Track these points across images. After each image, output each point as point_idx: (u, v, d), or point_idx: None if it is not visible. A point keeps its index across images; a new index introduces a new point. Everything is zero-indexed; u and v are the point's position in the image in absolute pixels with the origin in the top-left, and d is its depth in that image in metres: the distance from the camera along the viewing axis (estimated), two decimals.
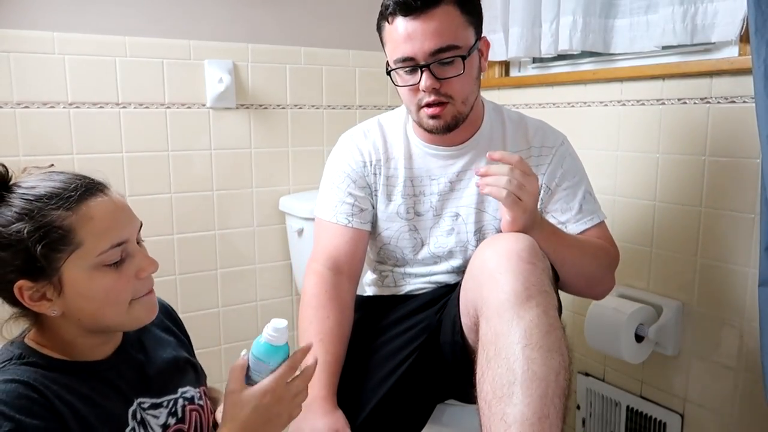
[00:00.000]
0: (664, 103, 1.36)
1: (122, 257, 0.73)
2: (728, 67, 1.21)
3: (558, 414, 0.77)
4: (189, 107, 1.62)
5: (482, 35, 1.06)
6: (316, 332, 1.05)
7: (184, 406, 0.83)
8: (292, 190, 1.80)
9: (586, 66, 1.59)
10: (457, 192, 1.12)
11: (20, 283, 0.69)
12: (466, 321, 0.98)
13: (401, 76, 1.04)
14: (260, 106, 1.72)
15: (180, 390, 0.85)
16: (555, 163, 1.12)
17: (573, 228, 1.10)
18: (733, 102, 1.23)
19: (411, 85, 1.02)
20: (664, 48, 1.37)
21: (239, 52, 1.66)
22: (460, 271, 1.13)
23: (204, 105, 1.64)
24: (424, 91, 1.01)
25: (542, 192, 1.11)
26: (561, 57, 1.61)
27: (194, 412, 0.84)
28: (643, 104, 1.40)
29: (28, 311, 0.73)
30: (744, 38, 1.19)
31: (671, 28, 1.27)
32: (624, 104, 1.44)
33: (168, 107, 1.59)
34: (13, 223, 0.68)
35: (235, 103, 1.67)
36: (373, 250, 1.22)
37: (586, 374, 1.60)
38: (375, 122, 1.20)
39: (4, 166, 0.72)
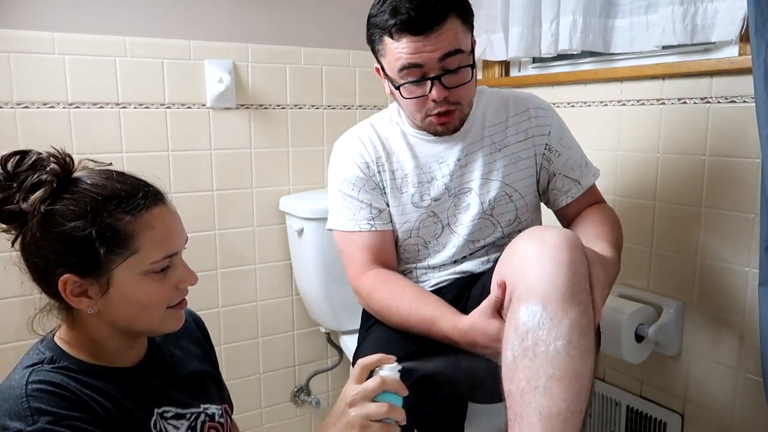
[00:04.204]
0: (664, 103, 1.36)
1: (168, 266, 0.75)
2: (728, 67, 1.21)
3: (584, 410, 0.80)
4: (189, 107, 1.62)
5: (473, 37, 1.09)
6: (410, 302, 1.05)
7: (204, 422, 0.84)
8: (292, 190, 1.80)
9: (586, 66, 1.59)
10: (466, 167, 1.15)
11: (67, 276, 0.70)
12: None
13: (407, 89, 1.05)
14: (260, 106, 1.72)
15: (203, 405, 0.85)
16: (556, 125, 1.18)
17: (585, 182, 1.19)
18: (733, 102, 1.23)
19: (419, 97, 1.05)
20: (664, 48, 1.36)
21: (239, 52, 1.66)
22: (480, 251, 1.17)
23: (204, 105, 1.64)
24: (435, 101, 1.04)
25: (546, 152, 1.17)
26: (561, 57, 1.61)
27: (212, 430, 0.85)
28: (643, 104, 1.40)
29: (62, 305, 0.74)
30: (744, 38, 1.19)
31: (671, 28, 1.27)
32: (624, 104, 1.44)
33: (168, 107, 1.59)
34: (78, 219, 0.68)
35: (235, 103, 1.67)
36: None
37: None
38: (365, 124, 1.22)
39: (69, 156, 0.73)
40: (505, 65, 1.81)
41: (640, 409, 1.47)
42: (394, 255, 1.19)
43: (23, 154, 0.70)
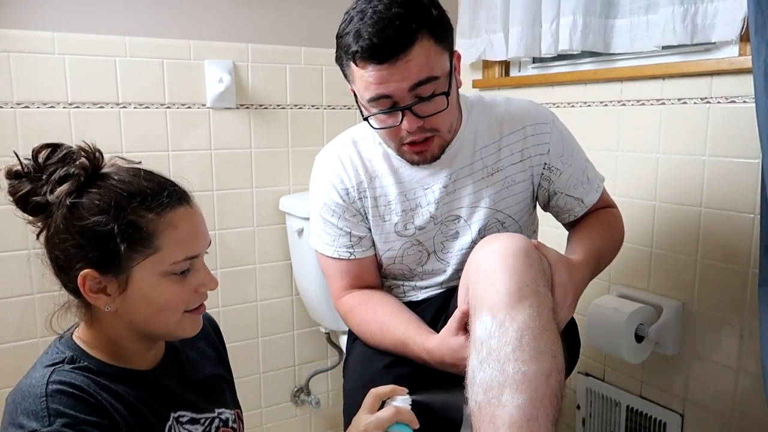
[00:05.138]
0: (664, 103, 1.36)
1: (188, 268, 0.74)
2: (728, 67, 1.21)
3: (548, 416, 0.77)
4: (189, 107, 1.62)
5: (454, 50, 0.99)
6: (381, 326, 1.04)
7: (218, 428, 0.83)
8: (292, 190, 1.80)
9: (586, 66, 1.59)
10: (454, 194, 1.08)
11: (87, 272, 0.69)
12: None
13: (377, 119, 0.97)
14: (260, 106, 1.72)
15: (217, 410, 0.85)
16: (556, 141, 1.09)
17: (589, 200, 1.13)
18: (733, 102, 1.23)
19: (390, 127, 0.97)
20: (664, 48, 1.37)
21: (239, 52, 1.66)
22: None
23: (204, 105, 1.64)
24: (408, 132, 0.96)
25: (546, 171, 1.10)
26: (561, 57, 1.61)
27: None
28: (643, 104, 1.40)
29: (81, 302, 0.74)
30: (744, 38, 1.19)
31: (671, 28, 1.27)
32: (624, 104, 1.44)
33: (168, 107, 1.59)
34: (102, 214, 0.68)
35: (235, 103, 1.67)
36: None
37: (586, 374, 1.60)
38: (348, 140, 1.14)
39: (99, 152, 0.73)
40: (505, 65, 1.81)
41: (640, 409, 1.47)
42: (376, 277, 1.16)
43: (54, 147, 0.71)
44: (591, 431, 1.61)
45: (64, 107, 1.46)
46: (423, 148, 1.00)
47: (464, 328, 0.92)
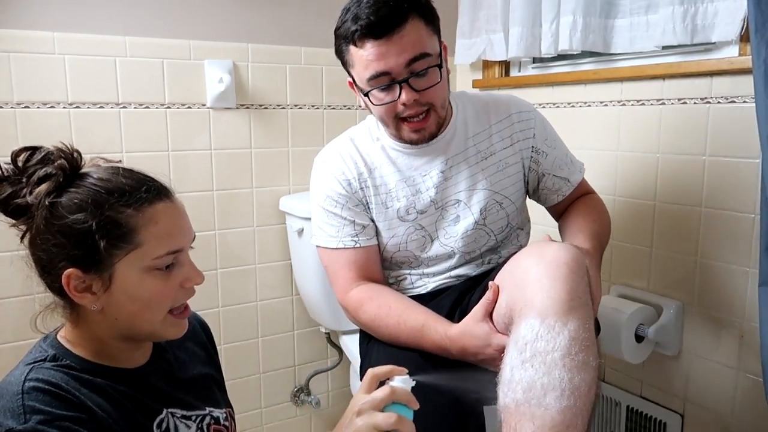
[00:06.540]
0: (664, 103, 1.36)
1: (173, 263, 0.74)
2: (728, 67, 1.21)
3: (584, 426, 0.80)
4: (189, 107, 1.62)
5: (441, 40, 1.07)
6: (398, 315, 1.05)
7: (209, 424, 0.84)
8: (292, 190, 1.80)
9: (586, 66, 1.59)
10: (452, 179, 1.13)
11: (71, 271, 0.69)
12: (496, 319, 0.97)
13: (375, 96, 1.04)
14: (260, 106, 1.72)
15: (208, 408, 0.85)
16: (539, 126, 1.17)
17: (574, 179, 1.21)
18: (733, 102, 1.23)
19: (389, 103, 1.03)
20: (664, 48, 1.37)
21: (239, 52, 1.66)
22: (476, 258, 1.17)
23: (204, 105, 1.64)
24: (404, 105, 1.02)
25: (534, 154, 1.17)
26: (561, 57, 1.61)
27: None
28: (643, 104, 1.40)
29: (66, 302, 0.74)
30: (744, 38, 1.19)
31: (671, 28, 1.27)
32: (624, 104, 1.44)
33: (168, 107, 1.59)
34: (80, 212, 0.69)
35: (235, 103, 1.67)
36: (384, 262, 1.21)
37: None
38: (345, 138, 1.20)
39: (78, 152, 0.73)
40: (505, 65, 1.81)
41: (640, 409, 1.47)
42: (380, 268, 1.18)
43: (33, 149, 0.71)
44: (591, 431, 1.61)
45: (64, 107, 1.46)
46: (421, 125, 1.06)
47: (489, 316, 0.95)
